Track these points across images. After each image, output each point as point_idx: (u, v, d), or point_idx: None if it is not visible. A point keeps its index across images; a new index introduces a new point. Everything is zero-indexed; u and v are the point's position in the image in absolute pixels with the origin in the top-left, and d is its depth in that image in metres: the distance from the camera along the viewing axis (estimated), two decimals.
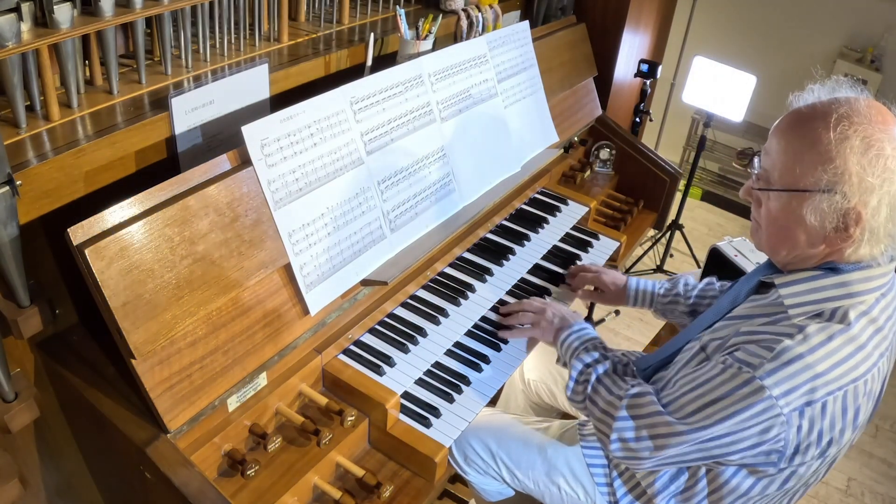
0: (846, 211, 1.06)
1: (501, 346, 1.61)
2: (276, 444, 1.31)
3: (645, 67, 2.53)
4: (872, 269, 1.11)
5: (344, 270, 1.45)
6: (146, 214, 1.13)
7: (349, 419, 1.36)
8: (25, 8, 1.15)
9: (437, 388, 1.48)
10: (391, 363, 1.49)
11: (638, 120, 2.65)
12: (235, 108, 1.44)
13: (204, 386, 1.23)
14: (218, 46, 1.57)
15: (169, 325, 1.15)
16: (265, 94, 1.50)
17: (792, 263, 1.19)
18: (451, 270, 1.79)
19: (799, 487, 1.24)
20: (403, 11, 1.75)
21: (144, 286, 1.12)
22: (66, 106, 1.31)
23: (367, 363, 1.48)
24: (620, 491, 1.41)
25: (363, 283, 1.50)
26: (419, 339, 1.57)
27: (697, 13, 3.68)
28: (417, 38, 1.76)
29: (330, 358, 1.47)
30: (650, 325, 3.23)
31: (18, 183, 1.10)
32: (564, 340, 1.48)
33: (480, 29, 2.05)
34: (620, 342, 3.17)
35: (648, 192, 2.40)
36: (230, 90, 1.41)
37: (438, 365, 1.54)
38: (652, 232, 3.38)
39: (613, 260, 2.07)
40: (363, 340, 1.55)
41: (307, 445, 1.35)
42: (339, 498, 1.30)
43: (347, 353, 1.50)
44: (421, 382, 1.49)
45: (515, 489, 1.58)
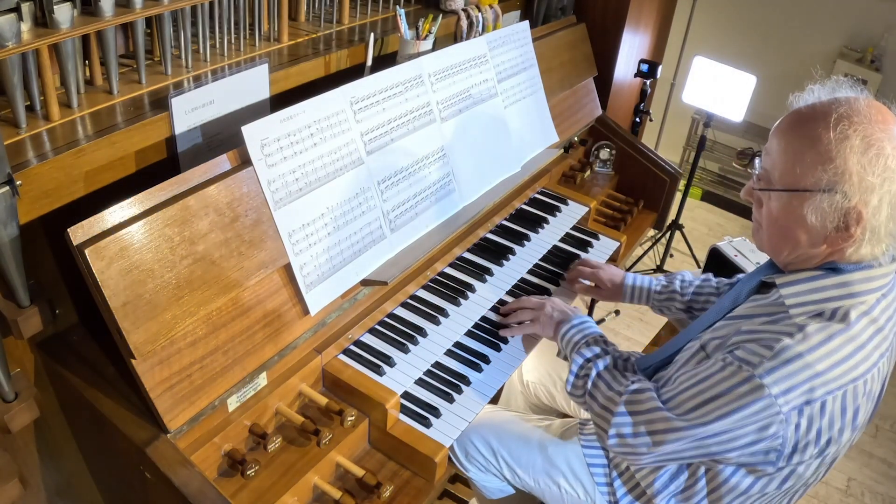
0: (847, 210, 1.07)
1: (501, 346, 1.61)
2: (276, 444, 1.31)
3: (645, 67, 2.53)
4: (874, 269, 1.11)
5: (344, 270, 1.45)
6: (146, 214, 1.14)
7: (349, 419, 1.36)
8: (25, 8, 1.15)
9: (437, 388, 1.48)
10: (391, 363, 1.49)
11: (638, 120, 2.65)
12: (235, 108, 1.44)
13: (204, 386, 1.23)
14: (218, 46, 1.57)
15: (169, 325, 1.15)
16: (265, 94, 1.50)
17: (793, 263, 1.19)
18: (451, 270, 1.79)
19: (799, 487, 1.24)
20: (403, 11, 1.75)
21: (144, 286, 1.12)
22: (66, 106, 1.31)
23: (367, 363, 1.48)
24: (620, 491, 1.41)
25: (363, 283, 1.50)
26: (419, 339, 1.57)
27: (697, 13, 3.68)
28: (417, 38, 1.76)
29: (330, 358, 1.47)
30: (650, 325, 3.23)
31: (18, 183, 1.10)
32: (565, 334, 1.48)
33: (480, 29, 2.05)
34: (620, 342, 3.17)
35: (648, 192, 2.40)
36: (230, 90, 1.42)
37: (438, 365, 1.54)
38: (652, 232, 3.38)
39: (613, 260, 2.07)
40: (363, 340, 1.55)
41: (307, 445, 1.35)
42: (339, 498, 1.30)
43: (347, 353, 1.50)
44: (421, 382, 1.49)
45: (516, 487, 1.58)
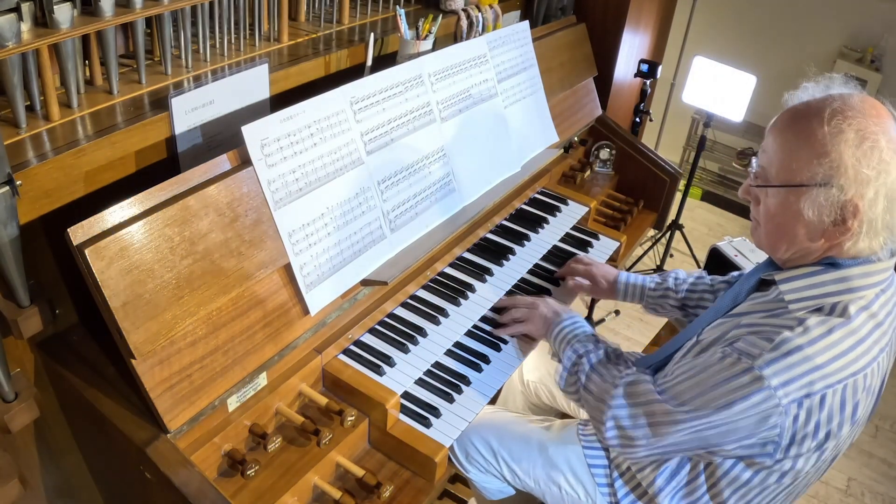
0: (843, 204, 1.07)
1: (501, 346, 1.61)
2: (276, 444, 1.31)
3: (645, 67, 2.53)
4: (873, 264, 1.12)
5: (344, 270, 1.45)
6: (146, 214, 1.13)
7: (349, 419, 1.36)
8: (25, 8, 1.15)
9: (437, 388, 1.48)
10: (391, 363, 1.49)
11: (638, 120, 2.65)
12: (235, 108, 1.44)
13: (204, 386, 1.23)
14: (218, 46, 1.57)
15: (169, 325, 1.15)
16: (265, 94, 1.50)
17: (792, 260, 1.19)
18: (451, 270, 1.79)
19: (799, 482, 1.23)
20: (403, 11, 1.75)
21: (144, 286, 1.12)
22: (66, 106, 1.31)
23: (367, 363, 1.48)
24: (622, 491, 1.41)
25: (363, 283, 1.50)
26: (419, 339, 1.57)
27: (697, 13, 3.68)
28: (417, 38, 1.76)
29: (330, 358, 1.47)
30: (650, 325, 3.23)
31: (18, 183, 1.10)
32: (557, 333, 1.48)
33: (480, 29, 2.05)
34: (620, 342, 3.16)
35: (648, 192, 2.40)
36: (230, 90, 1.41)
37: (438, 365, 1.54)
38: (652, 232, 3.38)
39: (613, 260, 2.07)
40: (363, 340, 1.55)
41: (307, 445, 1.35)
42: (339, 498, 1.30)
43: (347, 353, 1.50)
44: (421, 382, 1.49)
45: (516, 487, 1.58)
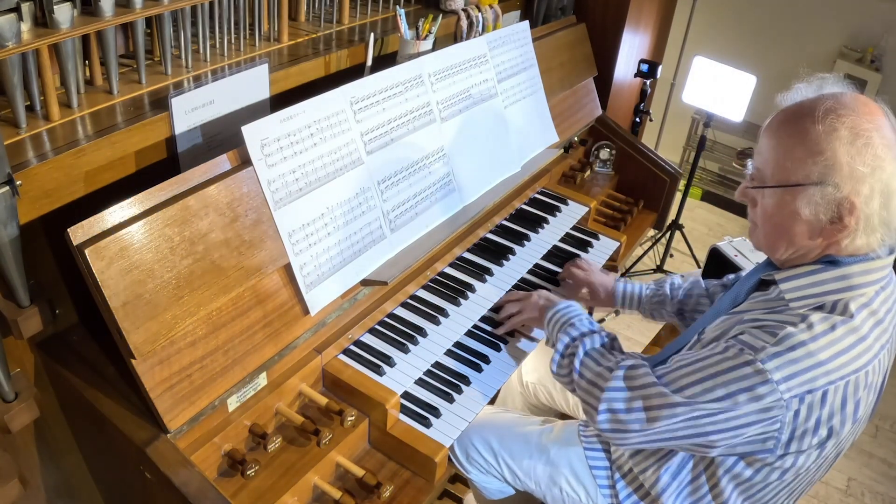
0: (839, 201, 1.08)
1: (501, 346, 1.61)
2: (276, 444, 1.31)
3: (645, 67, 2.53)
4: (872, 261, 1.12)
5: (344, 270, 1.45)
6: (146, 214, 1.13)
7: (349, 419, 1.36)
8: (25, 8, 1.15)
9: (437, 388, 1.48)
10: (391, 363, 1.49)
11: (638, 120, 2.65)
12: (235, 108, 1.44)
13: (204, 386, 1.23)
14: (218, 46, 1.57)
15: (169, 325, 1.15)
16: (265, 94, 1.50)
17: (791, 260, 1.19)
18: (451, 270, 1.79)
19: (801, 479, 1.23)
20: (403, 11, 1.75)
21: (144, 286, 1.12)
22: (66, 106, 1.31)
23: (367, 363, 1.48)
24: (623, 493, 1.41)
25: (363, 283, 1.50)
26: (419, 339, 1.57)
27: (697, 13, 3.67)
28: (417, 38, 1.76)
29: (330, 358, 1.47)
30: (650, 325, 3.22)
31: (18, 183, 1.10)
32: (551, 318, 1.48)
33: (480, 29, 2.05)
34: (620, 342, 3.16)
35: (648, 192, 2.40)
36: (230, 90, 1.41)
37: (438, 365, 1.54)
38: (652, 232, 3.38)
39: (613, 260, 2.07)
40: (363, 340, 1.55)
41: (307, 445, 1.35)
42: (339, 498, 1.30)
43: (347, 353, 1.50)
44: (421, 382, 1.49)
45: (517, 488, 1.58)
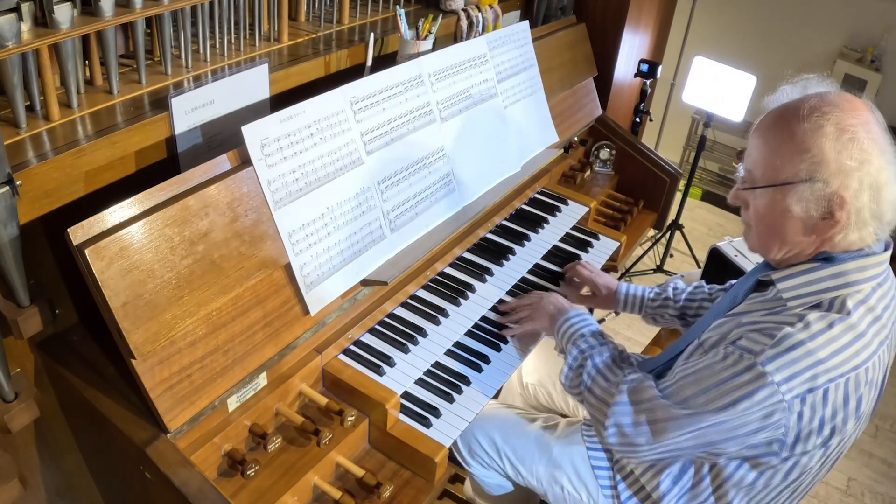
0: (829, 196, 1.09)
1: (501, 345, 1.61)
2: (276, 444, 1.31)
3: (645, 67, 2.53)
4: (868, 257, 1.13)
5: (344, 270, 1.45)
6: (146, 214, 1.13)
7: (349, 419, 1.36)
8: (25, 8, 1.15)
9: (437, 388, 1.48)
10: (391, 363, 1.49)
11: (638, 120, 2.65)
12: (235, 108, 1.44)
13: (204, 386, 1.23)
14: (218, 46, 1.57)
15: (169, 325, 1.15)
16: (265, 94, 1.50)
17: (786, 260, 1.20)
18: (451, 270, 1.79)
19: (804, 480, 1.23)
20: (403, 11, 1.75)
21: (144, 286, 1.12)
22: (66, 106, 1.31)
23: (367, 363, 1.48)
24: (624, 494, 1.41)
25: (363, 283, 1.50)
26: (419, 339, 1.57)
27: (697, 13, 3.67)
28: (417, 38, 1.76)
29: (330, 358, 1.47)
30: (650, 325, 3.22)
31: (18, 183, 1.10)
32: (560, 327, 1.48)
33: (480, 29, 2.05)
34: (620, 342, 3.15)
35: (648, 192, 2.40)
36: (230, 90, 1.41)
37: (438, 365, 1.54)
38: (652, 232, 3.38)
39: (613, 260, 2.07)
40: (363, 340, 1.55)
41: (307, 445, 1.35)
42: (339, 498, 1.30)
43: (347, 353, 1.50)
44: (421, 382, 1.49)
45: (517, 484, 1.58)
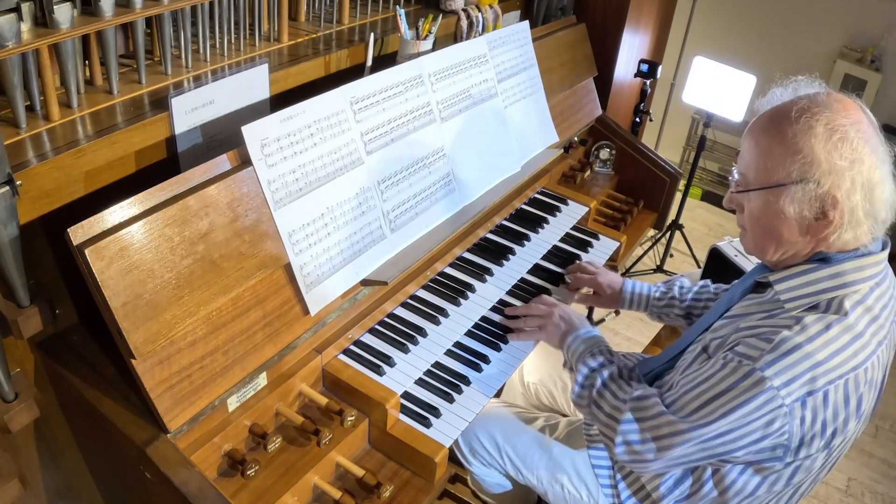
0: (822, 197, 1.09)
1: (501, 346, 1.61)
2: (276, 444, 1.31)
3: (645, 67, 2.53)
4: (865, 258, 1.13)
5: (344, 270, 1.45)
6: (146, 214, 1.13)
7: (349, 419, 1.36)
8: (25, 8, 1.15)
9: (437, 388, 1.48)
10: (391, 363, 1.49)
11: (638, 120, 2.65)
12: (235, 108, 1.44)
13: (204, 386, 1.23)
14: (218, 46, 1.57)
15: (169, 325, 1.15)
16: (265, 94, 1.50)
17: (783, 261, 1.20)
18: (451, 270, 1.79)
19: (806, 480, 1.23)
20: (403, 11, 1.75)
21: (144, 286, 1.12)
22: (66, 106, 1.31)
23: (367, 363, 1.48)
24: (624, 494, 1.41)
25: (363, 283, 1.50)
26: (419, 339, 1.57)
27: (697, 13, 3.67)
28: (417, 38, 1.76)
29: (330, 358, 1.47)
30: (650, 325, 3.22)
31: (18, 183, 1.10)
32: (570, 345, 1.48)
33: (480, 29, 2.05)
34: (620, 342, 3.16)
35: (648, 192, 2.40)
36: (230, 90, 1.42)
37: (438, 365, 1.54)
38: (652, 232, 3.38)
39: (613, 260, 2.07)
40: (363, 340, 1.55)
41: (307, 445, 1.35)
42: (339, 498, 1.30)
43: (347, 353, 1.50)
44: (421, 382, 1.49)
45: (517, 483, 1.58)
